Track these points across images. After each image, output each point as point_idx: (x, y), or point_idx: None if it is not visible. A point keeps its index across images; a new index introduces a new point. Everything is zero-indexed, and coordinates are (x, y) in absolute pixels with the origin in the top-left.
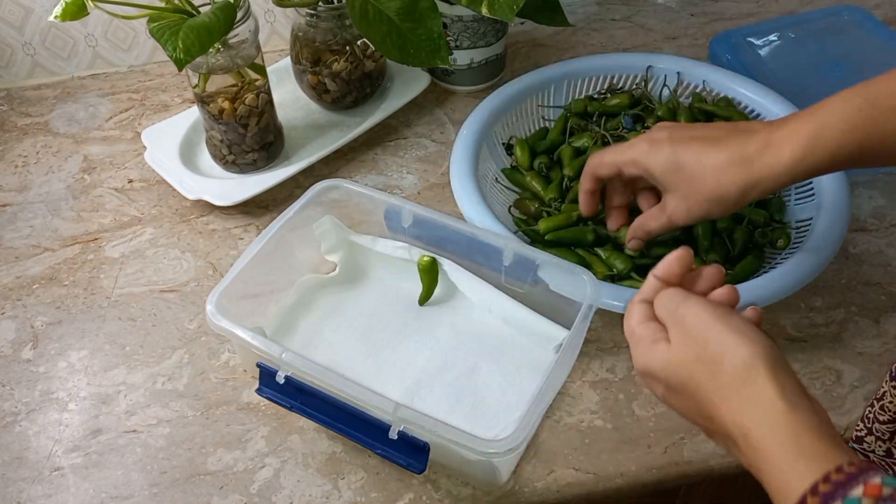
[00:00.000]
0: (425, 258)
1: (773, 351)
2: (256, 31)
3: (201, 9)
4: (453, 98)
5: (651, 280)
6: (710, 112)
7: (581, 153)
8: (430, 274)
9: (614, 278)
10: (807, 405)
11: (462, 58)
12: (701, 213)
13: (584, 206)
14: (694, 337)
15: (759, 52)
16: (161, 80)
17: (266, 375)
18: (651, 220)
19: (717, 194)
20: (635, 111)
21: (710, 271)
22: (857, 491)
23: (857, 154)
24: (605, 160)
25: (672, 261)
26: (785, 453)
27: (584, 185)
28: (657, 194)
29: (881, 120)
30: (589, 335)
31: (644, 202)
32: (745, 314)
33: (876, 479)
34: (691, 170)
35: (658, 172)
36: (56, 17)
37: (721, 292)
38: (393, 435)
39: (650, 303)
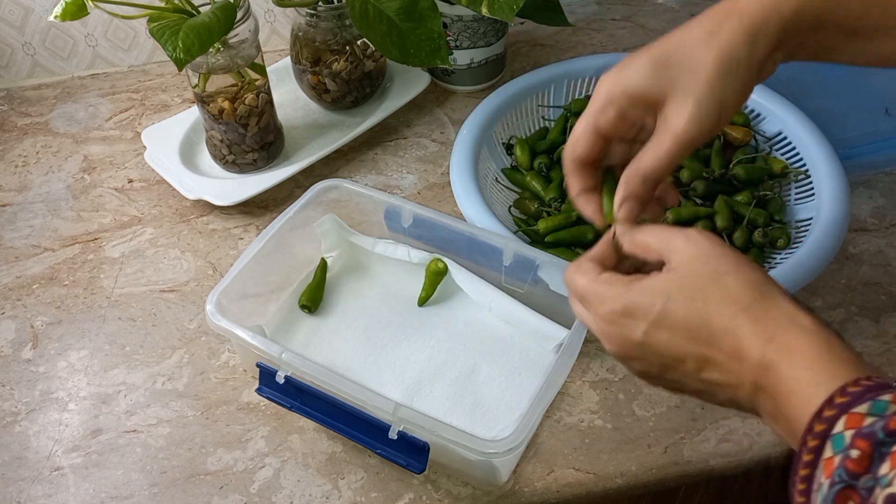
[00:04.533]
0: (439, 263)
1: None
2: (256, 31)
3: (201, 9)
4: (453, 98)
5: (601, 245)
6: None
7: None
8: (438, 277)
9: None
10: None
11: (462, 58)
12: (715, 101)
13: (587, 209)
14: (706, 253)
15: None
16: (161, 80)
17: (266, 375)
18: (647, 156)
19: (723, 62)
20: None
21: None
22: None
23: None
24: (577, 132)
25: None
26: (818, 356)
27: (575, 186)
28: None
29: None
30: (589, 335)
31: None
32: None
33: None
34: (681, 54)
35: (642, 82)
36: (56, 17)
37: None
38: (393, 435)
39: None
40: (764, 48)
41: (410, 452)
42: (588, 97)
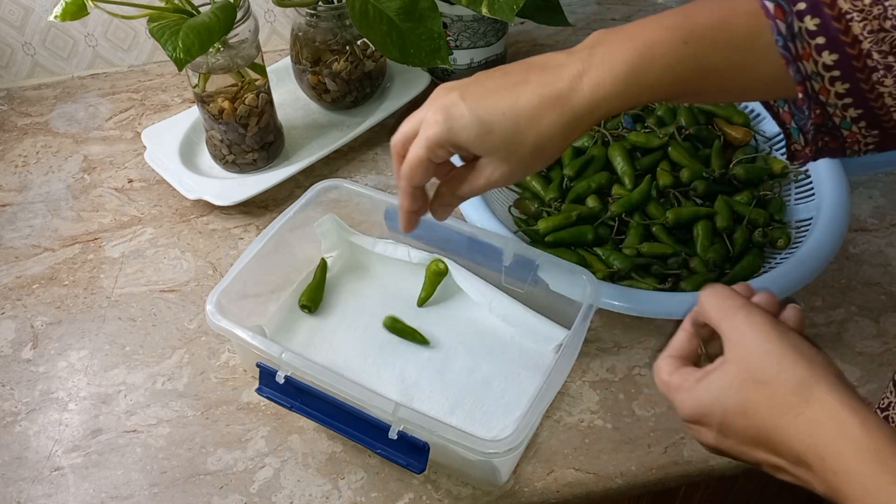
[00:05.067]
0: (440, 263)
1: (832, 368)
2: (256, 31)
3: (201, 9)
4: None
5: (680, 335)
6: (710, 112)
7: (581, 153)
8: (438, 278)
9: (614, 278)
10: (877, 419)
11: (462, 58)
12: (524, 171)
13: (408, 226)
14: (750, 351)
15: None
16: (161, 80)
17: (266, 375)
18: (464, 183)
19: (539, 145)
20: (635, 111)
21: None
22: None
23: (676, 87)
24: (414, 163)
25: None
26: (869, 473)
27: (408, 206)
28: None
29: (708, 56)
30: (589, 335)
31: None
32: (786, 314)
33: None
34: (503, 128)
35: (468, 142)
36: (56, 16)
37: (762, 298)
38: (393, 435)
39: (678, 357)
40: (580, 133)
41: (410, 452)
42: None
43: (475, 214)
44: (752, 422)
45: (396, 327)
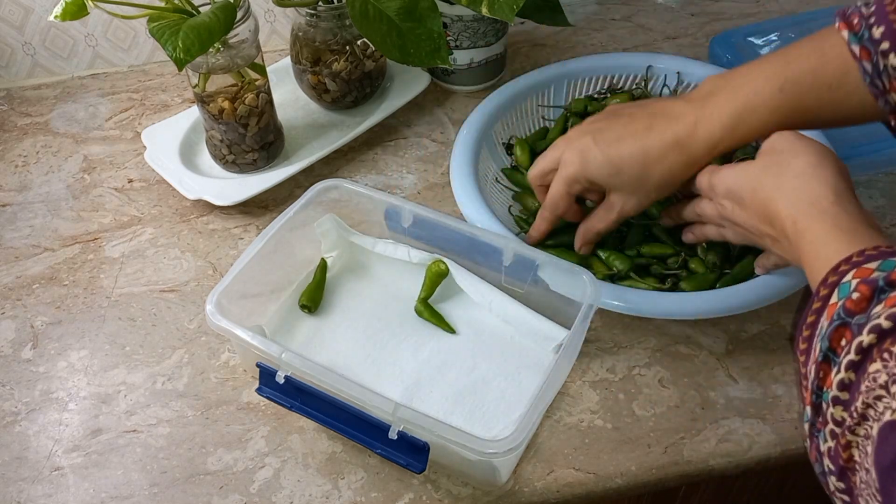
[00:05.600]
0: (441, 264)
1: (839, 164)
2: (256, 30)
3: (201, 9)
4: (453, 98)
5: None
6: None
7: None
8: (439, 278)
9: (614, 278)
10: (854, 201)
11: (462, 58)
12: (651, 202)
13: (540, 234)
14: (774, 149)
15: (760, 51)
16: (161, 80)
17: (266, 375)
18: (599, 221)
19: (663, 181)
20: None
21: None
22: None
23: (778, 125)
24: (556, 196)
25: None
26: (821, 230)
27: (546, 229)
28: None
29: (802, 98)
30: (589, 335)
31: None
32: None
33: None
34: (631, 168)
35: (600, 179)
36: (56, 16)
37: None
38: (393, 435)
39: None
40: (698, 168)
41: (410, 452)
42: (588, 97)
43: (475, 214)
44: (758, 198)
45: (427, 311)
